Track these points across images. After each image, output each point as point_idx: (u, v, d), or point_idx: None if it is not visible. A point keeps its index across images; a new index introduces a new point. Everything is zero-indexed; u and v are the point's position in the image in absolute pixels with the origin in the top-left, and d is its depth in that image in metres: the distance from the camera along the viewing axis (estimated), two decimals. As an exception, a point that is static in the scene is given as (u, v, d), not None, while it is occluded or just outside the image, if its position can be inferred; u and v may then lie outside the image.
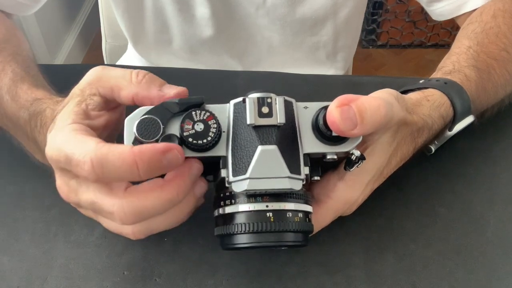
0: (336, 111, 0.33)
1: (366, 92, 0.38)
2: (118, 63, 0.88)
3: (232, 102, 0.35)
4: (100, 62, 0.99)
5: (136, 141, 0.33)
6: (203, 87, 0.57)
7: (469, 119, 0.46)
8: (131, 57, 0.84)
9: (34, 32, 1.55)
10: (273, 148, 0.33)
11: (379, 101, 0.34)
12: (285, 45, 0.74)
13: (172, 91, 0.37)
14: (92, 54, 1.91)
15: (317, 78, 0.60)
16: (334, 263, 0.42)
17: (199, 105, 0.35)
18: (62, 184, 0.34)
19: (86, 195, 0.33)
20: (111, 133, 0.40)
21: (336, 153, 0.35)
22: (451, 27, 1.86)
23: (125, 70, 0.38)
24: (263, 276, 0.41)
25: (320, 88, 0.57)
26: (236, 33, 0.73)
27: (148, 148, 0.30)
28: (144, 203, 0.32)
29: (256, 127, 0.34)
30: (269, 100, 0.34)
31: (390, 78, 0.63)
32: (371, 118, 0.33)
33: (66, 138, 0.33)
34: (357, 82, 0.59)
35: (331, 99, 0.35)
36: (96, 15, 0.91)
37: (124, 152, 0.30)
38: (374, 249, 0.43)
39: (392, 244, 0.43)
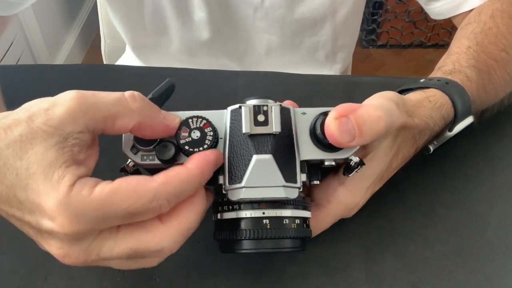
0: (334, 123, 0.33)
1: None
2: (117, 63, 0.88)
3: (229, 108, 0.35)
4: (100, 62, 0.99)
5: (134, 148, 0.34)
6: (202, 88, 0.57)
7: (468, 120, 0.46)
8: (130, 57, 0.84)
9: (34, 32, 1.55)
10: (268, 157, 0.33)
11: (379, 113, 0.34)
12: (284, 47, 0.74)
13: (175, 120, 0.34)
14: (92, 54, 1.91)
15: (317, 78, 0.60)
16: (334, 263, 0.42)
17: (173, 89, 0.35)
18: (78, 252, 0.30)
19: (119, 248, 0.30)
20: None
21: (334, 160, 0.35)
22: (451, 27, 1.86)
23: (114, 93, 0.31)
24: (263, 276, 0.41)
25: (320, 88, 0.57)
26: (235, 35, 0.73)
27: (206, 162, 0.31)
28: (187, 224, 0.32)
29: (252, 136, 0.34)
30: (265, 108, 0.34)
31: (390, 78, 0.63)
32: (370, 130, 0.33)
33: (98, 205, 0.28)
34: (357, 82, 0.59)
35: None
36: (96, 15, 0.91)
37: (192, 176, 0.31)
38: (374, 249, 0.43)
39: (392, 244, 0.43)
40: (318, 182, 0.37)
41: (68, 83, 0.59)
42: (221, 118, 0.35)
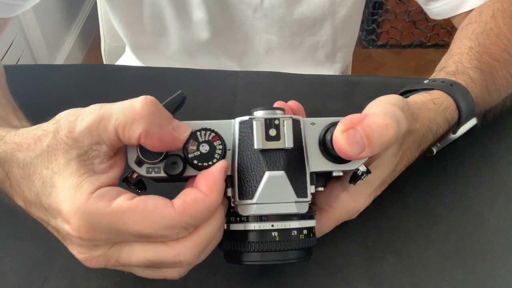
0: (343, 136, 0.32)
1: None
2: (117, 63, 0.88)
3: (238, 120, 0.34)
4: (100, 62, 0.99)
5: (138, 161, 0.33)
6: (202, 88, 0.57)
7: (472, 122, 0.45)
8: (130, 57, 0.84)
9: (34, 32, 1.55)
10: (281, 174, 0.33)
11: (387, 120, 0.33)
12: (283, 46, 0.74)
13: (185, 133, 0.32)
14: (92, 54, 1.91)
15: (317, 78, 0.60)
16: (334, 263, 0.42)
17: (184, 101, 0.34)
18: (98, 256, 0.31)
19: (137, 258, 0.31)
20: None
21: (343, 171, 0.35)
22: (451, 27, 1.86)
23: (127, 101, 0.31)
24: (263, 276, 0.41)
25: (320, 88, 0.57)
26: (234, 35, 0.73)
27: (220, 183, 0.31)
28: (206, 238, 0.32)
29: (263, 151, 0.33)
30: (276, 122, 0.33)
31: (390, 78, 0.63)
32: (379, 139, 0.32)
33: (112, 219, 0.29)
34: (357, 82, 0.59)
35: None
36: (96, 15, 0.91)
37: (210, 202, 0.30)
38: (374, 249, 0.43)
39: (392, 244, 0.43)
40: (322, 189, 0.37)
41: (68, 83, 0.59)
42: (229, 129, 0.34)
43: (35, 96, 0.56)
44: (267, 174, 0.33)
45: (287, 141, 0.33)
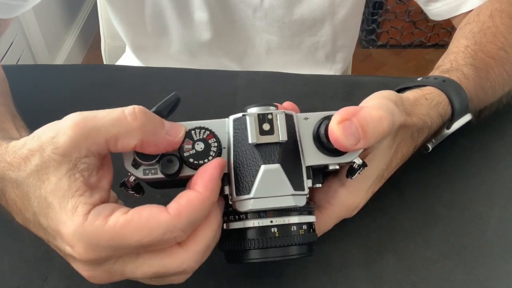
0: (338, 128, 0.32)
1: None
2: (117, 63, 0.88)
3: (232, 117, 0.35)
4: (100, 62, 0.99)
5: (135, 163, 0.33)
6: (202, 88, 0.57)
7: (466, 118, 0.46)
8: (130, 57, 0.84)
9: (34, 32, 1.55)
10: (277, 167, 0.33)
11: (381, 113, 0.33)
12: (283, 47, 0.75)
13: (179, 133, 0.33)
14: (92, 54, 1.91)
15: (317, 78, 0.60)
16: (334, 263, 0.42)
17: (178, 102, 0.34)
18: (101, 273, 0.32)
19: (141, 271, 0.31)
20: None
21: (338, 164, 0.35)
22: (451, 27, 1.86)
23: (114, 112, 0.30)
24: (263, 276, 0.41)
25: (320, 88, 0.57)
26: (235, 36, 0.73)
27: (214, 179, 0.31)
28: (206, 243, 0.32)
29: (258, 145, 0.33)
30: (269, 117, 0.33)
31: (390, 78, 0.63)
32: (374, 131, 0.33)
33: (111, 236, 0.29)
34: (357, 82, 0.59)
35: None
36: (96, 15, 0.91)
37: (204, 201, 0.30)
38: (374, 249, 0.43)
39: (392, 244, 0.43)
40: (320, 185, 0.37)
41: (68, 83, 0.59)
42: (223, 127, 0.35)
43: (35, 96, 0.56)
44: (262, 167, 0.33)
45: (281, 134, 0.33)
